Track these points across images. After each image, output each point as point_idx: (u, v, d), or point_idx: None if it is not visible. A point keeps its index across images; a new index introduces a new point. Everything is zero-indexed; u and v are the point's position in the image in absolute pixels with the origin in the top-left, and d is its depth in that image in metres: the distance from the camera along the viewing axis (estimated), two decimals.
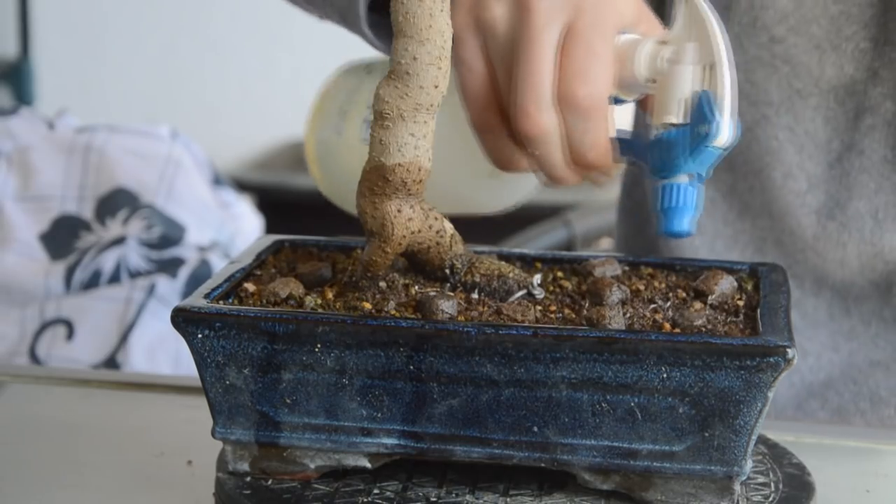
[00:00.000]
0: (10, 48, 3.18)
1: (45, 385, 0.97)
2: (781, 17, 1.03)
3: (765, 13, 1.03)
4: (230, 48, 3.00)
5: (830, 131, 1.04)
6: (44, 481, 0.80)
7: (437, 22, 0.71)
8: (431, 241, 0.76)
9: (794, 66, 1.03)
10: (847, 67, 1.03)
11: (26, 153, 1.60)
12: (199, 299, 0.74)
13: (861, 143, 1.03)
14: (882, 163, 1.03)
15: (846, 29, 1.02)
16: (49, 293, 1.53)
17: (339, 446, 0.73)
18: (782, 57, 1.03)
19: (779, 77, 1.04)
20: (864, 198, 1.03)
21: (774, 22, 1.03)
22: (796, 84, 1.04)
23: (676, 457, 0.71)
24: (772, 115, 1.04)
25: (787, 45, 1.03)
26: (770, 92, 1.04)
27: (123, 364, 1.48)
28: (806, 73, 1.03)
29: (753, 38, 1.04)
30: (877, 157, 1.03)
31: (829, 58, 1.03)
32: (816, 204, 1.05)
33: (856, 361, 1.06)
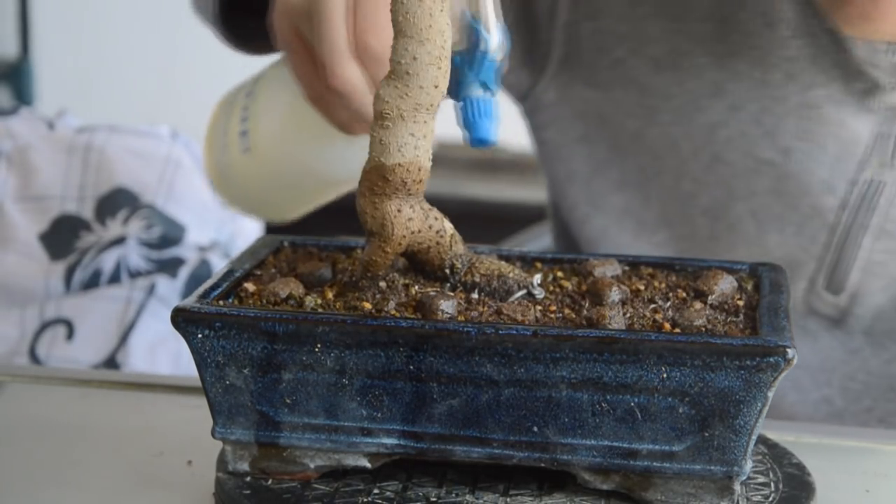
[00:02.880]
0: (10, 48, 3.18)
1: (45, 385, 0.97)
2: (620, 40, 1.07)
3: (605, 37, 1.08)
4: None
5: (692, 145, 1.07)
6: (44, 481, 0.79)
7: (437, 22, 0.71)
8: (431, 241, 0.76)
9: (641, 85, 1.07)
10: (689, 84, 1.06)
11: (26, 153, 1.60)
12: (199, 299, 0.74)
13: (723, 154, 1.06)
14: (747, 171, 1.05)
15: (684, 46, 1.05)
16: (49, 293, 1.53)
17: (339, 446, 0.73)
18: (628, 77, 1.08)
19: (631, 97, 1.08)
20: (741, 200, 1.06)
21: (614, 45, 1.08)
22: (647, 102, 1.07)
23: (676, 457, 0.71)
24: (641, 127, 1.08)
25: (627, 67, 1.07)
26: (630, 110, 1.08)
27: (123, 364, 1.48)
28: (652, 92, 1.07)
29: (600, 61, 1.09)
30: (741, 166, 1.05)
31: (670, 76, 1.06)
32: (704, 206, 1.08)
33: None
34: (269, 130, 1.02)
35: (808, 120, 1.02)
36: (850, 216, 1.02)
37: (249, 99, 1.04)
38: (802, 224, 1.04)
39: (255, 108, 1.03)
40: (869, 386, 1.05)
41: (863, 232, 1.02)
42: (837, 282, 1.03)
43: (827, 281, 1.04)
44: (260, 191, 1.05)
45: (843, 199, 1.02)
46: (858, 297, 1.03)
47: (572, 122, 1.12)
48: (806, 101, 1.02)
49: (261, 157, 1.03)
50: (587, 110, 1.10)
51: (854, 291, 1.03)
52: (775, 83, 1.03)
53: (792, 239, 1.04)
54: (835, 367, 1.06)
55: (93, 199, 1.57)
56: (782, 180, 1.04)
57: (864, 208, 1.01)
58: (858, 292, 1.03)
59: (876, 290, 1.03)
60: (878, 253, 1.02)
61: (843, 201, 1.02)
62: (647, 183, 1.09)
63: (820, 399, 1.07)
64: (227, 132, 1.05)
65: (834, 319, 1.05)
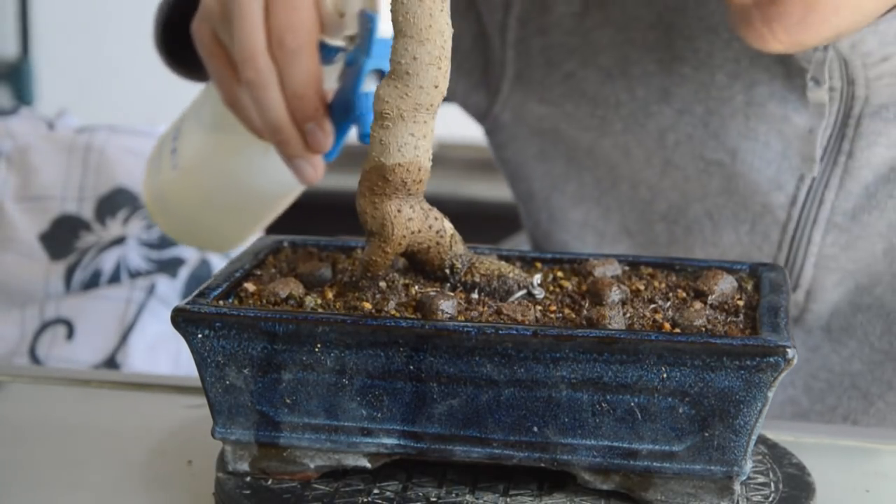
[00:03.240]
0: (10, 48, 3.18)
1: (45, 385, 0.97)
2: (569, 53, 1.10)
3: (554, 52, 1.10)
4: None
5: (644, 151, 1.09)
6: (44, 481, 0.80)
7: (437, 22, 0.71)
8: (431, 241, 0.76)
9: (590, 97, 1.09)
10: (638, 91, 1.08)
11: (26, 153, 1.60)
12: (199, 299, 0.74)
13: (673, 158, 1.07)
14: (698, 172, 1.06)
15: (632, 54, 1.07)
16: (49, 293, 1.53)
17: (339, 446, 0.73)
18: (578, 90, 1.10)
19: (583, 109, 1.10)
20: (696, 201, 1.07)
21: (563, 59, 1.10)
22: (599, 113, 1.09)
23: (676, 457, 0.71)
24: (595, 137, 1.10)
25: (578, 79, 1.09)
26: (583, 121, 1.10)
27: (123, 364, 1.48)
28: (603, 102, 1.09)
29: (551, 76, 1.11)
30: (692, 169, 1.07)
31: (619, 85, 1.08)
32: (662, 210, 1.09)
33: None
34: (194, 142, 1.05)
35: (753, 118, 1.03)
36: (799, 212, 1.03)
37: (181, 121, 1.07)
38: (755, 222, 1.05)
39: (183, 126, 1.07)
40: (831, 384, 1.06)
41: (812, 226, 1.02)
42: (792, 278, 1.04)
43: None
44: (192, 210, 1.08)
45: (792, 195, 1.03)
46: (813, 293, 1.04)
47: (528, 140, 1.14)
48: (750, 100, 1.03)
49: (187, 170, 1.05)
50: (541, 127, 1.12)
51: (809, 288, 1.04)
52: (719, 84, 1.04)
53: (746, 238, 1.05)
54: (798, 367, 1.06)
55: (93, 199, 1.57)
56: (732, 180, 1.05)
57: (811, 203, 1.02)
58: (813, 288, 1.04)
59: (830, 286, 1.03)
60: (829, 247, 1.03)
61: (792, 197, 1.03)
62: (605, 195, 1.11)
63: (785, 400, 1.07)
64: (160, 156, 1.08)
65: (792, 317, 1.05)
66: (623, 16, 1.08)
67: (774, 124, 1.03)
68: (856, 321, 1.04)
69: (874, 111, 0.99)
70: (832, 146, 1.01)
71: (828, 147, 1.01)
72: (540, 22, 1.11)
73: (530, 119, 1.13)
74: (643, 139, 1.08)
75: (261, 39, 0.90)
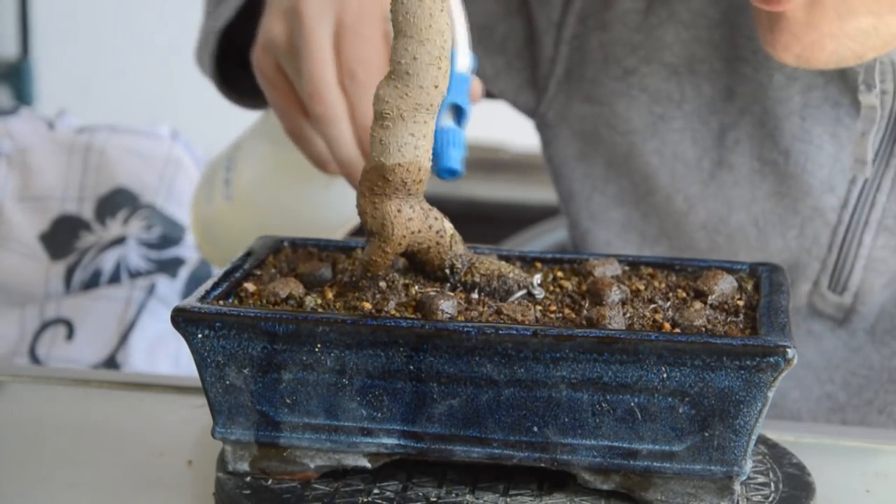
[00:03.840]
0: (10, 48, 3.18)
1: (45, 385, 0.97)
2: (632, 50, 1.09)
3: (615, 48, 1.09)
4: None
5: (699, 151, 1.08)
6: (44, 481, 0.80)
7: (437, 22, 0.71)
8: (431, 241, 0.76)
9: (652, 93, 1.09)
10: (705, 88, 1.07)
11: (26, 153, 1.60)
12: (199, 299, 0.74)
13: (729, 158, 1.07)
14: (751, 173, 1.06)
15: (699, 52, 1.07)
16: (49, 293, 1.53)
17: (339, 446, 0.73)
18: (638, 86, 1.09)
19: (639, 106, 1.09)
20: (742, 209, 1.07)
21: (625, 55, 1.09)
22: (657, 110, 1.09)
23: (676, 457, 0.71)
24: (639, 142, 1.10)
25: (640, 75, 1.09)
26: (633, 120, 1.09)
27: (123, 364, 1.48)
28: (665, 98, 1.09)
29: (608, 73, 1.10)
30: (745, 170, 1.07)
31: (686, 81, 1.08)
32: (701, 221, 1.09)
33: None
34: (251, 174, 1.03)
35: (809, 119, 1.03)
36: (850, 214, 1.02)
37: (235, 150, 1.05)
38: (804, 226, 1.04)
39: (238, 156, 1.05)
40: (870, 380, 1.06)
41: (863, 229, 1.02)
42: (841, 281, 1.04)
43: (830, 281, 1.05)
44: (242, 239, 1.06)
45: (844, 197, 1.03)
46: (861, 295, 1.04)
47: (569, 140, 1.14)
48: (807, 102, 1.03)
49: (243, 203, 1.04)
50: (582, 129, 1.12)
51: (857, 290, 1.04)
52: (777, 85, 1.04)
53: (794, 242, 1.05)
54: (838, 365, 1.07)
55: (93, 199, 1.57)
56: (784, 182, 1.04)
57: (863, 205, 1.02)
58: (861, 290, 1.04)
59: (878, 288, 1.03)
60: (879, 249, 1.03)
61: (844, 200, 1.03)
62: (642, 200, 1.11)
63: (822, 395, 1.07)
64: (212, 185, 1.06)
65: (838, 320, 1.06)
66: (689, 13, 1.08)
67: (828, 127, 1.03)
68: None
69: None
70: (884, 149, 1.01)
71: (879, 150, 1.01)
72: (601, 18, 1.10)
73: (572, 119, 1.13)
74: (702, 138, 1.08)
75: (331, 73, 0.89)
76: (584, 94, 1.11)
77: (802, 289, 1.06)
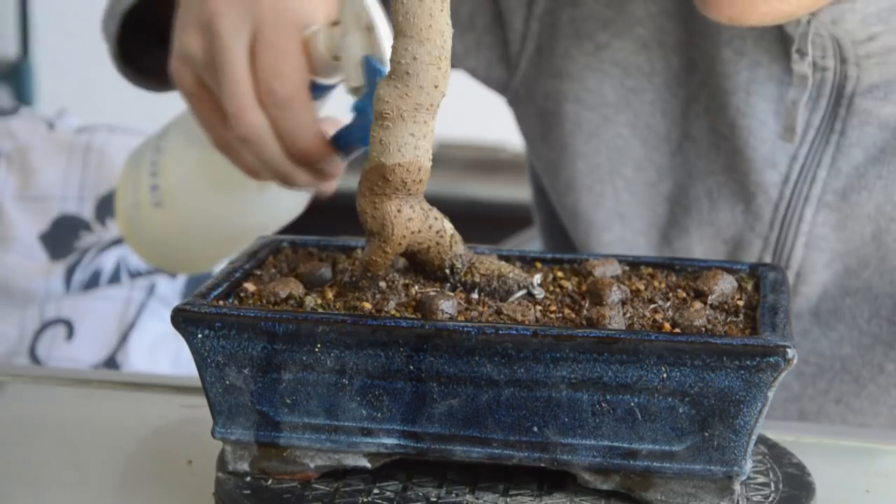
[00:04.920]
0: (10, 48, 3.18)
1: (45, 385, 0.97)
2: (604, 25, 1.10)
3: (586, 23, 1.10)
4: None
5: (668, 122, 1.09)
6: (44, 481, 0.80)
7: (437, 22, 0.71)
8: (431, 241, 0.76)
9: (624, 66, 1.09)
10: (672, 60, 1.09)
11: (26, 153, 1.60)
12: (199, 299, 0.74)
13: (691, 130, 1.08)
14: (709, 146, 1.07)
15: (667, 25, 1.08)
16: (49, 293, 1.53)
17: (339, 446, 0.73)
18: (610, 60, 1.10)
19: (611, 79, 1.10)
20: (700, 180, 1.08)
21: (597, 29, 1.10)
22: (628, 83, 1.10)
23: (676, 457, 0.71)
24: (611, 114, 1.10)
25: (612, 49, 1.09)
26: (605, 94, 1.10)
27: (123, 364, 1.49)
28: (636, 71, 1.09)
29: (580, 48, 1.10)
30: (705, 142, 1.08)
31: (655, 54, 1.09)
32: (667, 192, 1.10)
33: None
34: (180, 182, 1.02)
35: (755, 95, 1.04)
36: (791, 190, 1.03)
37: (157, 153, 1.04)
38: (749, 201, 1.06)
39: (163, 160, 1.03)
40: (822, 368, 1.06)
41: (804, 205, 1.03)
42: (783, 259, 1.05)
43: (773, 259, 1.05)
44: (173, 244, 1.05)
45: (785, 173, 1.04)
46: (803, 274, 1.05)
47: (533, 119, 1.15)
48: (753, 78, 1.05)
49: (172, 211, 1.03)
50: (546, 107, 1.13)
51: (799, 269, 1.05)
52: (725, 59, 1.05)
53: (741, 217, 1.06)
54: None
55: (93, 199, 1.57)
56: (733, 156, 1.06)
57: (803, 181, 1.03)
58: (803, 269, 1.05)
59: (819, 267, 1.04)
60: (820, 226, 1.04)
61: (785, 176, 1.04)
62: (599, 182, 1.12)
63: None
64: (136, 188, 1.05)
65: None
66: None
67: (772, 104, 1.04)
68: (844, 305, 1.05)
69: (865, 90, 1.00)
70: (825, 124, 1.02)
71: (820, 126, 1.02)
72: None
73: (537, 98, 1.13)
74: (671, 109, 1.09)
75: (249, 91, 0.88)
76: (554, 70, 1.12)
77: None
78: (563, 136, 1.12)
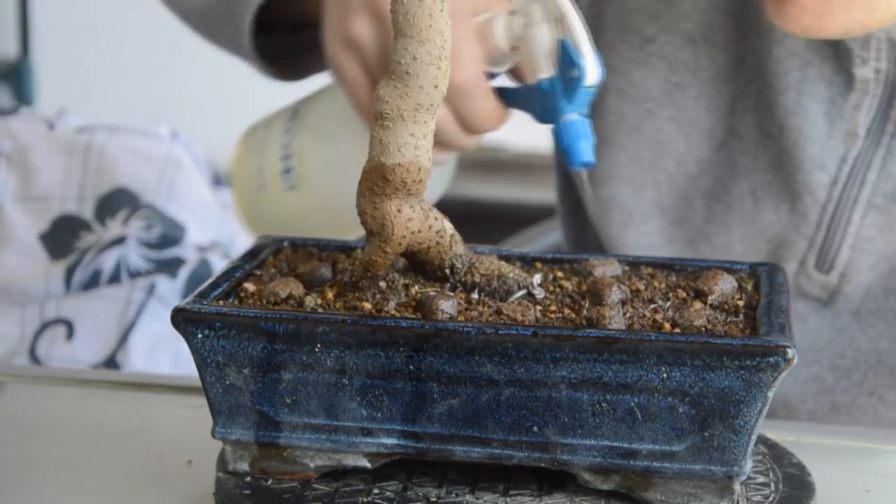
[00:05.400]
0: (10, 48, 3.18)
1: (45, 385, 0.97)
2: (651, 18, 1.10)
3: (633, 17, 1.10)
4: None
5: (713, 118, 1.09)
6: (44, 481, 0.80)
7: (437, 22, 0.71)
8: (431, 241, 0.76)
9: (670, 61, 1.09)
10: (719, 57, 1.08)
11: (26, 153, 1.60)
12: (199, 299, 0.74)
13: (738, 127, 1.08)
14: (755, 144, 1.07)
15: (716, 21, 1.08)
16: (49, 293, 1.53)
17: (339, 446, 0.73)
18: (656, 55, 1.10)
19: (656, 74, 1.10)
20: (743, 177, 1.08)
21: (644, 23, 1.10)
22: (673, 78, 1.09)
23: (676, 457, 0.71)
24: (655, 109, 1.10)
25: (659, 44, 1.09)
26: (650, 88, 1.10)
27: (123, 364, 1.48)
28: (682, 66, 1.09)
29: (626, 41, 1.10)
30: (751, 139, 1.08)
31: (702, 50, 1.08)
32: (705, 187, 1.10)
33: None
34: (323, 168, 0.99)
35: (805, 95, 1.04)
36: (839, 192, 1.03)
37: (289, 136, 1.01)
38: (795, 202, 1.06)
39: (298, 145, 1.00)
40: (858, 362, 1.06)
41: (852, 207, 1.03)
42: (828, 260, 1.04)
43: (818, 260, 1.05)
44: (302, 227, 1.02)
45: (834, 175, 1.04)
46: (848, 275, 1.04)
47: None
48: (804, 78, 1.04)
49: (311, 195, 1.00)
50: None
51: (844, 270, 1.05)
52: (776, 58, 1.05)
53: (785, 217, 1.06)
54: (823, 346, 1.07)
55: (93, 199, 1.57)
56: (780, 155, 1.05)
57: (853, 183, 1.03)
58: (848, 270, 1.04)
59: (864, 268, 1.04)
60: (867, 228, 1.03)
61: (834, 177, 1.04)
62: (641, 173, 1.11)
63: (810, 377, 1.08)
64: (262, 170, 1.02)
65: (823, 301, 1.06)
66: None
67: (822, 105, 1.04)
68: (887, 304, 1.05)
69: None
70: (876, 127, 1.02)
71: (871, 127, 1.02)
72: None
73: None
74: (716, 106, 1.09)
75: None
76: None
77: (789, 268, 1.06)
78: (605, 128, 1.11)
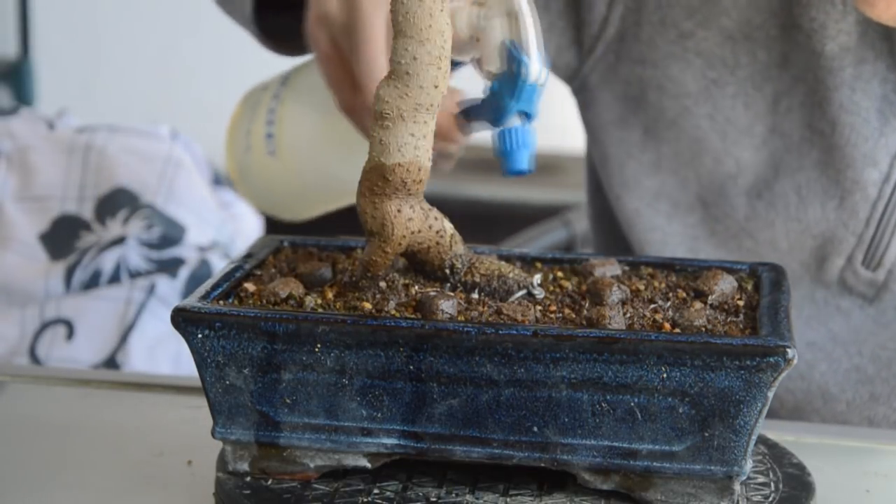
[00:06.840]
0: (10, 48, 3.18)
1: (45, 385, 0.97)
2: (689, 13, 1.09)
3: (672, 11, 1.09)
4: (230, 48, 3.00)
5: (752, 116, 1.08)
6: (44, 481, 0.80)
7: (437, 22, 0.71)
8: (431, 241, 0.76)
9: (707, 57, 1.09)
10: (759, 54, 1.08)
11: (26, 153, 1.60)
12: (199, 299, 0.74)
13: (781, 125, 1.08)
14: (801, 141, 1.07)
15: (756, 18, 1.07)
16: (49, 293, 1.53)
17: (339, 446, 0.73)
18: (694, 50, 1.09)
19: (693, 70, 1.09)
20: (787, 176, 1.07)
21: (682, 18, 1.09)
22: (711, 74, 1.09)
23: (676, 457, 0.71)
24: (691, 105, 1.09)
25: (697, 39, 1.09)
26: (686, 84, 1.09)
27: (123, 364, 1.48)
28: (720, 63, 1.08)
29: (664, 36, 1.10)
30: (796, 137, 1.07)
31: (741, 47, 1.08)
32: (746, 185, 1.09)
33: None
34: (297, 136, 1.02)
35: (859, 92, 1.04)
36: (891, 189, 1.03)
37: (276, 101, 1.04)
38: (844, 198, 1.06)
39: (282, 111, 1.03)
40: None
41: None
42: (876, 257, 1.04)
43: (865, 256, 1.05)
44: (281, 192, 1.06)
45: (886, 172, 1.04)
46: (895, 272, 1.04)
47: (610, 104, 1.13)
48: (858, 74, 1.04)
49: (286, 162, 1.03)
50: (626, 93, 1.12)
51: (892, 266, 1.05)
52: (829, 54, 1.05)
53: (833, 213, 1.06)
54: (866, 339, 1.07)
55: (93, 199, 1.57)
56: (829, 152, 1.05)
57: None
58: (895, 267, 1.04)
59: None
60: None
61: (886, 174, 1.04)
62: (684, 166, 1.11)
63: (851, 368, 1.08)
64: (250, 132, 1.05)
65: (868, 298, 1.07)
66: None
67: (875, 102, 1.04)
68: None
69: None
70: None
71: None
72: None
73: (616, 83, 1.12)
74: (754, 103, 1.08)
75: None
76: (636, 56, 1.10)
77: (836, 263, 1.06)
78: (647, 121, 1.11)
